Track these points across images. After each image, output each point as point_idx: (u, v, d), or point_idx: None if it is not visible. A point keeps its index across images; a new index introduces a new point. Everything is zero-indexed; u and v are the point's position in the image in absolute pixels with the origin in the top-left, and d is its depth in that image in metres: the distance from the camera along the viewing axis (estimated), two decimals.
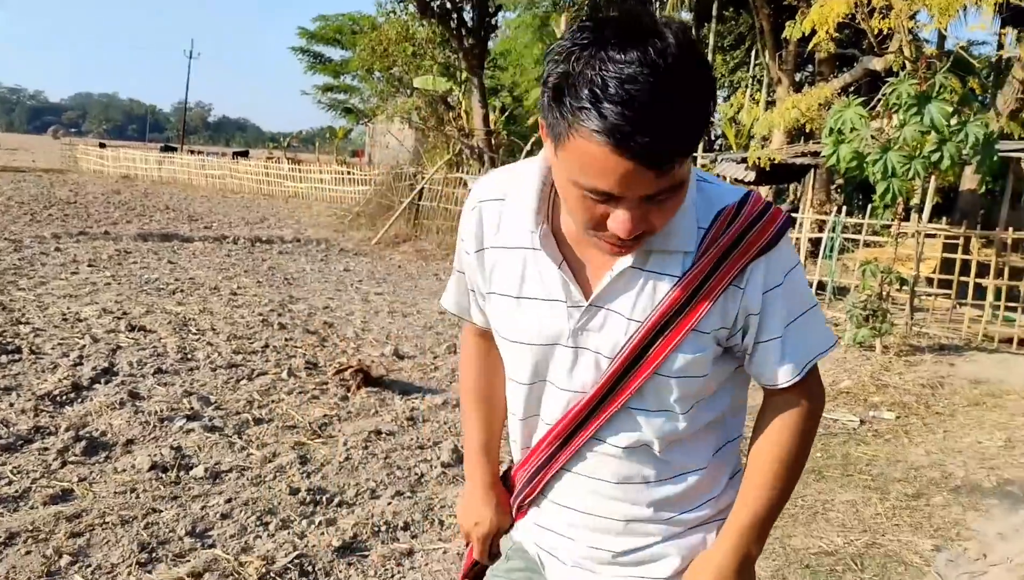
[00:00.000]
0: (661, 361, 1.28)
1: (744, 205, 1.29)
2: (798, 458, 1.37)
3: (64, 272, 9.72)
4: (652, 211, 1.15)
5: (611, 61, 1.04)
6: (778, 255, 1.28)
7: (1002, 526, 4.12)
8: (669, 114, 1.04)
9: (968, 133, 7.05)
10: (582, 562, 1.44)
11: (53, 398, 5.23)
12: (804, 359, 1.32)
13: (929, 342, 8.30)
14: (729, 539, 1.36)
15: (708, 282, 1.26)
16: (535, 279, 1.34)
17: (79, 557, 3.39)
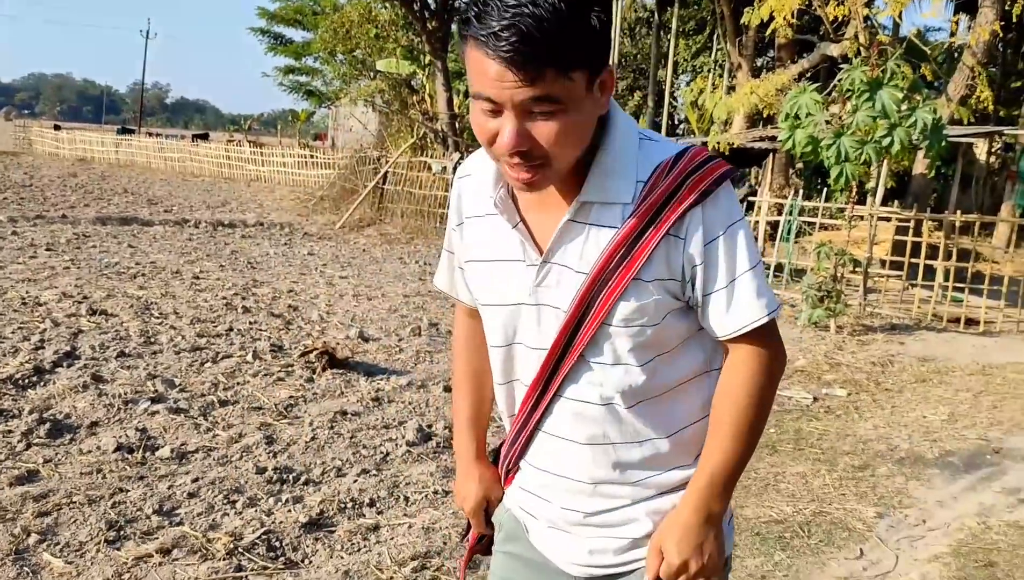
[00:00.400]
0: (607, 310, 1.33)
1: (681, 158, 1.33)
2: (755, 416, 1.38)
3: (22, 256, 9.61)
4: (535, 127, 1.21)
5: None
6: (716, 206, 1.32)
7: (942, 494, 4.32)
8: (535, 20, 1.13)
9: (917, 118, 7.26)
10: (557, 522, 1.49)
11: (15, 382, 5.22)
12: (752, 312, 1.35)
13: (881, 322, 8.55)
14: (691, 497, 1.39)
15: (647, 232, 1.31)
16: (499, 242, 1.42)
17: (47, 535, 3.44)
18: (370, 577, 3.31)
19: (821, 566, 3.44)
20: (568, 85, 1.19)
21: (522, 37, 1.13)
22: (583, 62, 1.20)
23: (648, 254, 1.31)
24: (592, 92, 1.25)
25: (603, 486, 1.44)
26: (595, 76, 1.24)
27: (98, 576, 3.17)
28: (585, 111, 1.24)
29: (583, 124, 1.26)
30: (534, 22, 1.13)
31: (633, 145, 1.34)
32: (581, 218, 1.34)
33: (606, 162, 1.33)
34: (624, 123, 1.36)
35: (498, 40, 1.14)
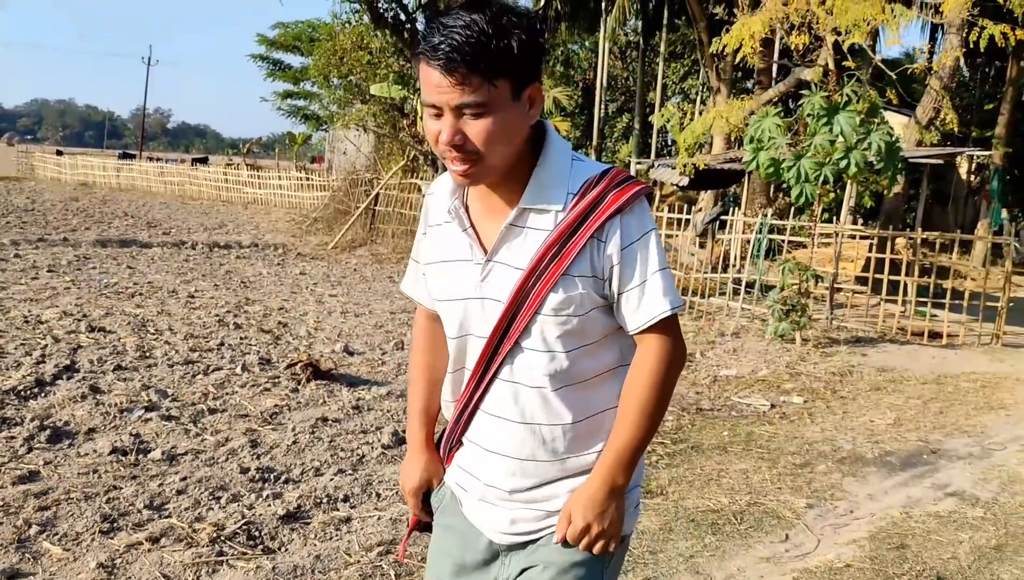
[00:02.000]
0: (540, 301, 1.57)
1: (606, 175, 1.59)
2: (657, 401, 1.60)
3: (24, 277, 10.00)
4: (467, 125, 1.48)
5: (445, 16, 1.48)
6: (632, 216, 1.57)
7: (873, 489, 4.67)
8: (464, 37, 1.43)
9: (872, 141, 7.66)
10: (485, 496, 1.70)
11: (17, 393, 5.59)
12: (659, 306, 1.57)
13: (847, 335, 8.92)
14: (598, 471, 1.60)
15: (575, 235, 1.55)
16: (453, 245, 1.67)
17: (47, 527, 3.79)
18: (339, 561, 3.66)
19: (747, 548, 3.80)
20: (493, 92, 1.46)
21: (453, 48, 1.43)
22: (506, 73, 1.47)
23: (576, 252, 1.55)
24: (519, 102, 1.52)
25: (530, 463, 1.65)
26: (520, 88, 1.51)
27: (93, 561, 3.51)
28: (511, 116, 1.51)
29: (509, 126, 1.51)
30: (463, 38, 1.43)
31: (566, 162, 1.61)
32: (520, 223, 1.60)
33: (542, 176, 1.59)
34: (559, 144, 1.63)
35: (436, 51, 1.44)
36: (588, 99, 27.43)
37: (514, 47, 1.47)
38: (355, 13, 17.57)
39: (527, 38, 1.49)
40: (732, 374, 7.38)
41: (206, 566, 3.54)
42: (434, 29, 1.47)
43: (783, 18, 10.13)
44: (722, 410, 6.26)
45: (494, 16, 1.46)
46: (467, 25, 1.44)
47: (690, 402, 6.43)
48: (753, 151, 8.11)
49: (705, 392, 6.77)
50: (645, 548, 3.74)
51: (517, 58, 1.48)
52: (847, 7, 9.81)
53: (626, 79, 30.35)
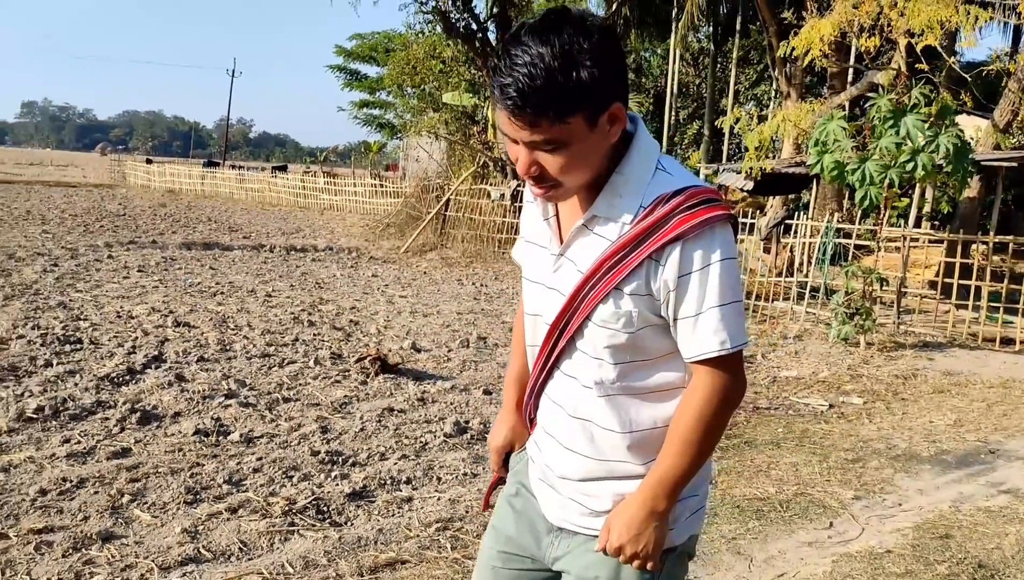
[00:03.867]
0: (591, 308, 1.55)
1: (680, 193, 1.50)
2: (702, 434, 1.55)
3: (116, 277, 10.63)
4: (543, 158, 1.47)
5: (514, 46, 1.43)
6: (697, 244, 1.48)
7: (925, 485, 4.72)
8: (530, 79, 1.38)
9: (940, 144, 7.62)
10: (545, 474, 1.74)
11: (111, 379, 6.03)
12: (710, 344, 1.50)
13: (914, 340, 8.84)
14: (640, 492, 1.57)
15: (633, 251, 1.51)
16: (539, 229, 1.70)
17: (137, 497, 4.15)
18: (400, 534, 3.92)
19: (790, 533, 3.92)
20: (566, 128, 1.43)
21: (519, 92, 1.39)
22: (578, 109, 1.42)
23: (630, 269, 1.51)
24: (596, 128, 1.46)
25: (576, 456, 1.66)
26: (597, 116, 1.45)
27: (178, 527, 3.84)
28: (587, 145, 1.47)
29: (586, 156, 1.48)
30: (529, 80, 1.38)
31: (647, 172, 1.54)
32: (590, 226, 1.58)
33: (617, 183, 1.54)
34: (644, 152, 1.56)
35: (503, 94, 1.41)
36: (659, 106, 27.43)
37: (585, 81, 1.41)
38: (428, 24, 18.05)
39: (601, 68, 1.42)
40: (792, 375, 7.43)
41: (279, 534, 3.84)
42: (501, 65, 1.43)
43: (853, 21, 10.11)
44: (779, 409, 6.34)
45: (563, 50, 1.40)
46: (533, 63, 1.39)
47: (747, 401, 6.51)
48: (818, 154, 8.14)
49: (763, 392, 6.84)
50: None
51: (589, 92, 1.42)
52: (919, 9, 9.75)
53: (698, 85, 30.23)
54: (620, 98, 1.48)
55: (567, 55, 1.39)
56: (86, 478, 4.31)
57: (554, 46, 1.40)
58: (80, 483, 4.25)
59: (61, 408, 5.33)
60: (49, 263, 11.34)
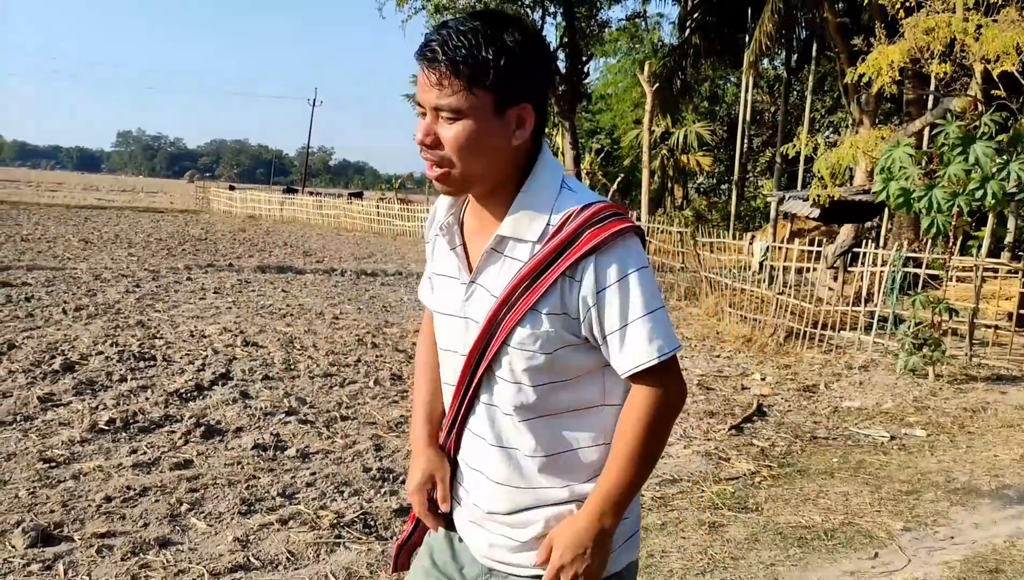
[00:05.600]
0: (507, 332, 1.52)
1: (585, 209, 1.50)
2: (645, 446, 1.53)
3: (193, 298, 11.07)
4: (441, 129, 1.48)
5: (454, 21, 1.48)
6: (610, 257, 1.48)
7: (982, 519, 4.58)
8: (451, 40, 1.43)
9: (1011, 172, 7.43)
10: (471, 513, 1.69)
11: (180, 395, 6.31)
12: (642, 356, 1.49)
13: (987, 373, 8.56)
14: (586, 511, 1.54)
15: (547, 270, 1.49)
16: (446, 260, 1.67)
17: (195, 506, 4.34)
18: None
19: (832, 562, 3.86)
20: (471, 100, 1.44)
21: (441, 46, 1.44)
22: (485, 86, 1.44)
23: (545, 289, 1.49)
24: (501, 120, 1.47)
25: (504, 488, 1.62)
26: (505, 105, 1.47)
27: (230, 536, 4.01)
28: (487, 130, 1.47)
29: (483, 140, 1.47)
30: (454, 39, 1.44)
31: (552, 190, 1.54)
32: (499, 249, 1.56)
33: (524, 203, 1.53)
34: (549, 171, 1.56)
35: (426, 47, 1.46)
36: (732, 133, 27.24)
37: (501, 61, 1.44)
38: None
39: (519, 56, 1.46)
40: (855, 406, 7.28)
41: (325, 546, 3.97)
42: (438, 28, 1.49)
43: (925, 47, 9.94)
44: (837, 439, 6.22)
45: (493, 27, 1.46)
46: (462, 30, 1.44)
47: (805, 430, 6.42)
48: (883, 181, 8.01)
49: (823, 422, 6.73)
50: (727, 554, 3.88)
51: (502, 72, 1.44)
52: (995, 34, 9.52)
53: (773, 113, 29.91)
54: (533, 104, 1.51)
55: (497, 37, 1.44)
56: (149, 487, 4.53)
57: (488, 26, 1.45)
58: (143, 491, 4.47)
59: (131, 421, 5.61)
60: (132, 284, 11.88)
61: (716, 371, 8.53)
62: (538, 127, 1.55)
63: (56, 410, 5.76)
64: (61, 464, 4.79)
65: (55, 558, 3.67)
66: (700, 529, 4.21)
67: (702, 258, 12.92)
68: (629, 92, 27.99)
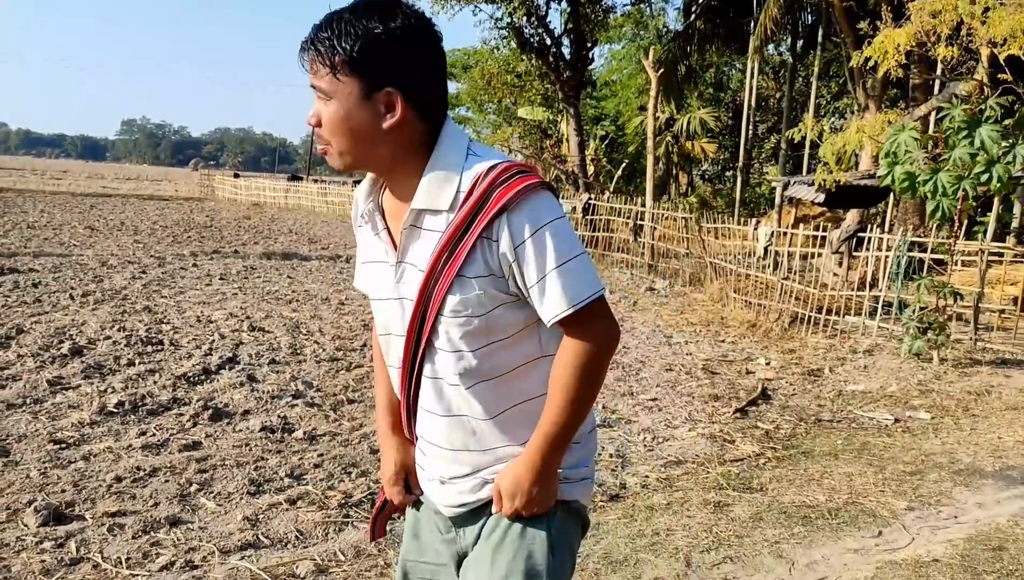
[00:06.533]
0: (439, 302, 1.58)
1: (492, 170, 1.54)
2: (579, 387, 1.58)
3: (199, 284, 11.12)
4: (321, 107, 1.56)
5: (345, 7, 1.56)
6: (521, 213, 1.52)
7: (985, 499, 4.60)
8: (323, 29, 1.53)
9: (1017, 155, 7.41)
10: (434, 479, 1.77)
11: (188, 378, 6.35)
12: (562, 303, 1.54)
13: (991, 357, 8.56)
14: (527, 452, 1.62)
15: (465, 236, 1.54)
16: (373, 246, 1.72)
17: (205, 486, 4.38)
18: None
19: (836, 540, 3.89)
20: (337, 84, 1.53)
21: (315, 32, 1.54)
22: (349, 70, 1.51)
23: (466, 254, 1.54)
24: (370, 104, 1.53)
25: (463, 453, 1.69)
26: (371, 90, 1.53)
27: (240, 515, 4.05)
28: (357, 113, 1.54)
29: (353, 122, 1.55)
30: (326, 25, 1.53)
31: (459, 160, 1.58)
32: (418, 224, 1.60)
33: (431, 176, 1.58)
34: (451, 141, 1.60)
35: (310, 32, 1.56)
36: (739, 120, 27.15)
37: (371, 50, 1.50)
38: (503, 39, 18.31)
39: (384, 43, 1.51)
40: (859, 389, 7.30)
41: (334, 525, 4.01)
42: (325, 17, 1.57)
43: (931, 30, 9.89)
44: (841, 422, 6.25)
45: (363, 15, 1.52)
46: (336, 17, 1.53)
47: (809, 413, 6.44)
48: (888, 165, 7.99)
49: (827, 405, 6.75)
50: (732, 532, 3.92)
51: (364, 59, 1.50)
52: (1001, 17, 9.47)
53: (779, 99, 29.81)
54: (402, 89, 1.54)
55: (363, 25, 1.51)
56: (158, 468, 4.58)
57: (359, 15, 1.51)
58: (153, 472, 4.52)
59: (140, 403, 5.65)
60: (138, 271, 11.93)
61: (721, 356, 8.55)
62: (426, 109, 1.58)
63: (65, 393, 5.81)
64: (71, 445, 4.84)
65: (67, 536, 3.72)
66: (705, 508, 4.25)
67: (707, 244, 12.93)
68: (633, 79, 27.91)
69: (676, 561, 3.62)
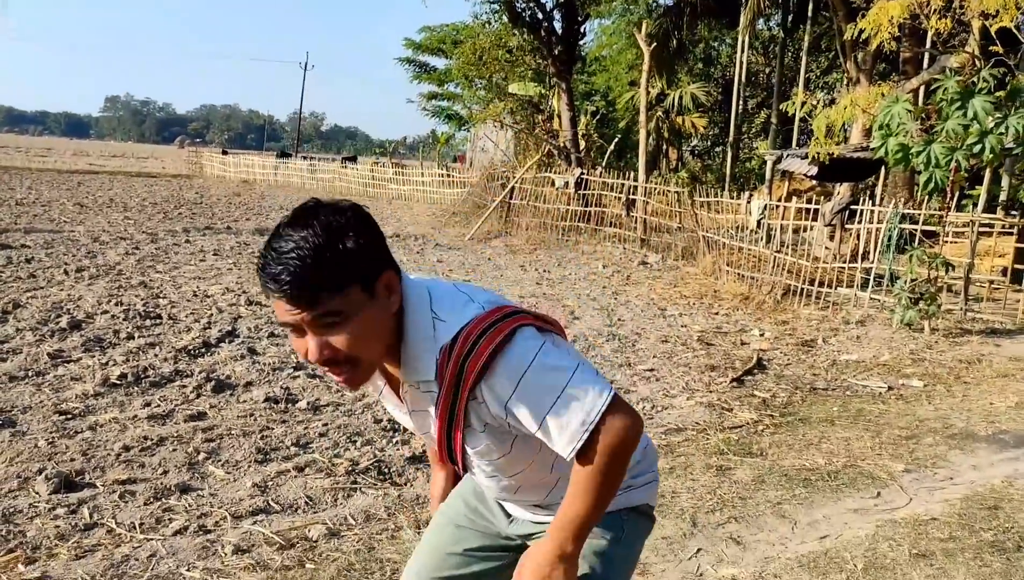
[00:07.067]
0: (461, 447, 1.66)
1: (457, 340, 1.53)
2: (602, 484, 1.58)
3: (193, 259, 11.10)
4: (332, 338, 1.47)
5: (276, 239, 1.46)
6: (498, 375, 1.52)
7: (979, 461, 4.70)
8: (299, 261, 1.41)
9: (1009, 126, 7.48)
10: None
11: (188, 351, 6.37)
12: (569, 442, 1.54)
13: (981, 326, 8.68)
14: (550, 538, 1.63)
15: (456, 404, 1.58)
16: (385, 395, 1.78)
17: (212, 455, 4.43)
18: None
19: (836, 500, 3.98)
20: (345, 299, 1.45)
21: (293, 276, 1.41)
22: (352, 277, 1.46)
23: (464, 417, 1.59)
24: (375, 298, 1.49)
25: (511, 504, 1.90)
26: (372, 284, 1.49)
27: (249, 482, 4.10)
28: (370, 314, 1.49)
29: (372, 324, 1.50)
30: (299, 263, 1.41)
31: (428, 330, 1.56)
32: (413, 386, 1.64)
33: (407, 351, 1.58)
34: (417, 311, 1.57)
35: (276, 283, 1.43)
36: (728, 96, 27.12)
37: (353, 250, 1.45)
38: (494, 13, 18.22)
39: (364, 238, 1.48)
40: (852, 359, 7.40)
41: (342, 491, 4.06)
42: (268, 258, 1.45)
43: (924, 2, 9.91)
44: (836, 390, 6.34)
45: (324, 228, 1.45)
46: (299, 246, 1.42)
47: (805, 382, 6.53)
48: (882, 137, 8.05)
49: (822, 374, 6.84)
50: (735, 494, 4.00)
51: (359, 259, 1.46)
52: None
53: (768, 75, 29.79)
54: (390, 267, 1.53)
55: (329, 230, 1.44)
56: (165, 437, 4.62)
57: (314, 227, 1.44)
58: (160, 442, 4.56)
59: (142, 376, 5.68)
60: (131, 246, 11.90)
61: (715, 328, 8.63)
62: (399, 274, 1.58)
63: (67, 366, 5.82)
64: (77, 416, 4.87)
65: (79, 503, 3.76)
66: (708, 472, 4.33)
67: (699, 218, 12.98)
68: (624, 54, 27.82)
69: (682, 521, 3.70)
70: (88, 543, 3.41)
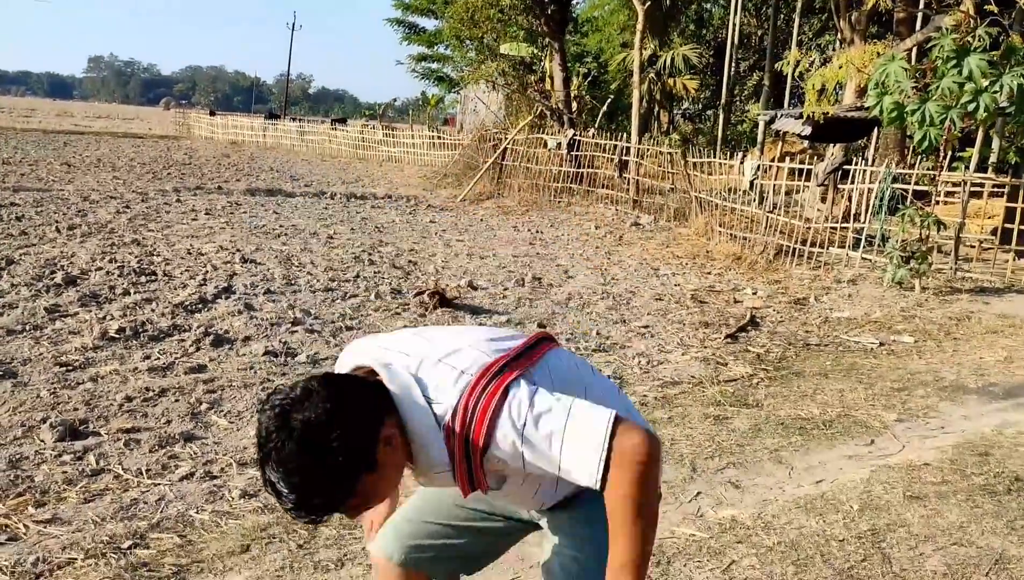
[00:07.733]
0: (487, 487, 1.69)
1: (455, 419, 1.54)
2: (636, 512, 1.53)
3: (185, 218, 11.06)
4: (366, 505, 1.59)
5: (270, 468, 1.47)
6: (502, 440, 1.53)
7: (970, 411, 4.80)
8: (302, 487, 1.46)
9: (1004, 84, 7.50)
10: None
11: (185, 307, 6.39)
12: (590, 477, 1.52)
13: (971, 285, 8.77)
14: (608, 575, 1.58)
15: (472, 473, 1.59)
16: None
17: (214, 405, 4.47)
18: None
19: (831, 447, 4.07)
20: (360, 489, 1.51)
21: (309, 511, 1.50)
22: (356, 476, 1.49)
23: (485, 479, 1.61)
24: (380, 465, 1.52)
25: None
26: (374, 459, 1.51)
27: (253, 431, 4.14)
28: (384, 475, 1.54)
29: (388, 480, 1.57)
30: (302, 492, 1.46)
31: (427, 418, 1.57)
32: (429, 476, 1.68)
33: (415, 445, 1.59)
34: (411, 404, 1.57)
35: (298, 514, 1.51)
36: (720, 58, 26.97)
37: (347, 454, 1.47)
38: None
39: (348, 424, 1.47)
40: (844, 316, 7.47)
41: None
42: (272, 494, 1.50)
43: None
44: (829, 346, 6.42)
45: (306, 445, 1.45)
46: (294, 487, 1.45)
47: (798, 338, 6.61)
48: (877, 96, 8.06)
49: (814, 331, 6.92)
50: (733, 442, 4.07)
51: (354, 459, 1.48)
52: None
53: (760, 37, 29.62)
54: (379, 423, 1.52)
55: (312, 445, 1.44)
56: (167, 388, 4.65)
57: (299, 448, 1.44)
58: (162, 393, 4.59)
59: (140, 330, 5.69)
60: (121, 205, 11.83)
61: (708, 287, 8.69)
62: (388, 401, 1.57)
63: (64, 320, 5.83)
64: (77, 368, 4.89)
65: (85, 450, 3.79)
66: (705, 421, 4.40)
67: (692, 179, 12.99)
68: (616, 15, 27.56)
69: (683, 467, 3.78)
70: (96, 488, 3.45)
